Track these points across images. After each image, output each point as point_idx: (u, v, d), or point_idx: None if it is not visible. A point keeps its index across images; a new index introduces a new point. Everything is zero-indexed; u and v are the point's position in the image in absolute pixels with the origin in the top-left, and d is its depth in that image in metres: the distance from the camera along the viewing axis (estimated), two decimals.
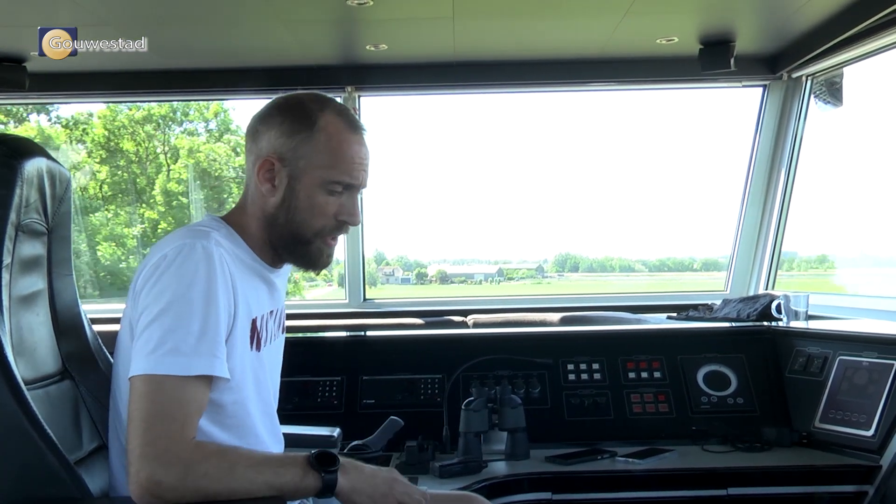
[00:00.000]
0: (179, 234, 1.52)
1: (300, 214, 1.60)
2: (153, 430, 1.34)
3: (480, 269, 5.70)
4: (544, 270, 5.68)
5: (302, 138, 1.59)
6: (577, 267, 5.73)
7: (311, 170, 1.59)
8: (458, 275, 5.59)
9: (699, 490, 2.41)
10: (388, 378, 2.82)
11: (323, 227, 1.62)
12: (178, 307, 1.41)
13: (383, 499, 1.48)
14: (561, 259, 5.75)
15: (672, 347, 2.90)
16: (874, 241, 4.37)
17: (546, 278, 5.68)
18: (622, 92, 4.59)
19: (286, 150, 1.60)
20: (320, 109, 1.61)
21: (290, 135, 1.60)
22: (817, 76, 3.96)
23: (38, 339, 1.61)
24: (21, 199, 1.54)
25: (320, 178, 1.59)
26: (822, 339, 2.77)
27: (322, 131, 1.59)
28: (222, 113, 6.49)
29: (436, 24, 3.51)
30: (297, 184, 1.60)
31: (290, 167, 1.60)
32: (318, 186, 1.60)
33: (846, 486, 2.37)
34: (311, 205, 1.60)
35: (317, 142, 1.59)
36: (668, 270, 5.62)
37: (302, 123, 1.60)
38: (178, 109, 6.44)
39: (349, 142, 1.61)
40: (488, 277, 5.68)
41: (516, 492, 2.39)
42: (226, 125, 6.53)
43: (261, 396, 1.64)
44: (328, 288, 5.88)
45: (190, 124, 6.57)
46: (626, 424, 2.74)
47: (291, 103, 1.64)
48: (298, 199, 1.60)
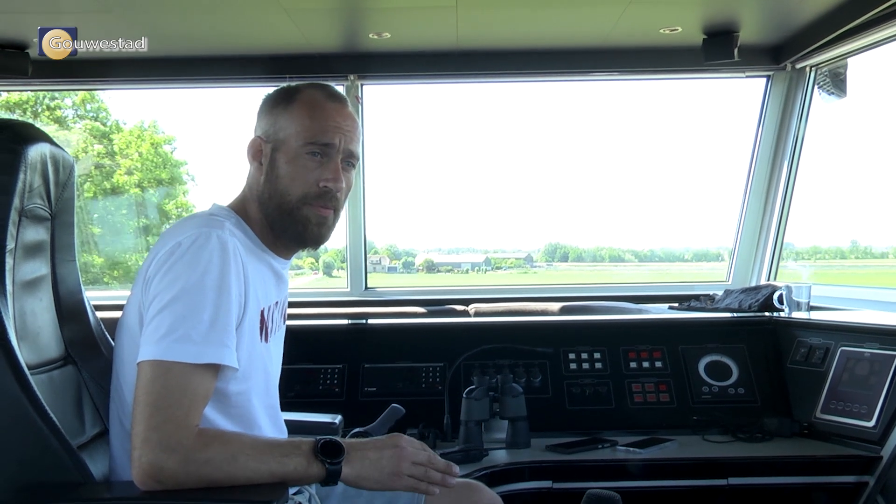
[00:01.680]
0: (194, 222, 1.53)
1: (282, 182, 1.61)
2: (158, 416, 1.35)
3: (468, 258, 5.66)
4: (533, 260, 5.66)
5: (280, 111, 1.63)
6: (567, 256, 5.71)
7: (290, 139, 1.61)
8: (445, 264, 5.56)
9: (700, 480, 2.42)
10: (390, 366, 2.83)
11: (305, 193, 1.61)
12: (190, 295, 1.42)
13: (391, 478, 1.47)
14: (551, 249, 5.73)
15: (673, 337, 2.91)
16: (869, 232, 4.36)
17: (535, 268, 5.66)
18: (621, 82, 4.57)
19: (268, 127, 1.64)
20: (304, 88, 1.65)
21: (272, 112, 1.64)
22: (821, 67, 3.94)
23: (42, 325, 1.62)
24: (24, 185, 1.54)
25: (297, 143, 1.61)
26: (823, 329, 2.77)
27: (299, 101, 1.63)
28: (97, 102, 6.40)
29: (439, 12, 3.50)
30: (278, 154, 1.62)
31: (272, 142, 1.63)
32: (296, 152, 1.61)
33: (847, 477, 2.38)
34: (292, 172, 1.61)
35: (293, 111, 1.62)
36: (658, 261, 5.60)
37: (282, 99, 1.65)
38: (53, 96, 6.33)
39: (325, 107, 1.63)
40: (475, 266, 5.65)
41: (517, 480, 2.40)
42: (95, 113, 6.43)
43: (267, 387, 1.65)
44: (313, 276, 5.83)
45: (61, 111, 6.48)
46: (626, 414, 2.75)
47: (279, 89, 1.68)
48: (279, 168, 1.62)
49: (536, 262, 5.64)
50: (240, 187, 1.71)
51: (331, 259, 5.00)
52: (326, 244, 1.75)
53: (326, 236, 1.67)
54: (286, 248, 1.70)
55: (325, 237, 1.67)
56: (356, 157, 1.67)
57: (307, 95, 1.64)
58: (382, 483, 1.47)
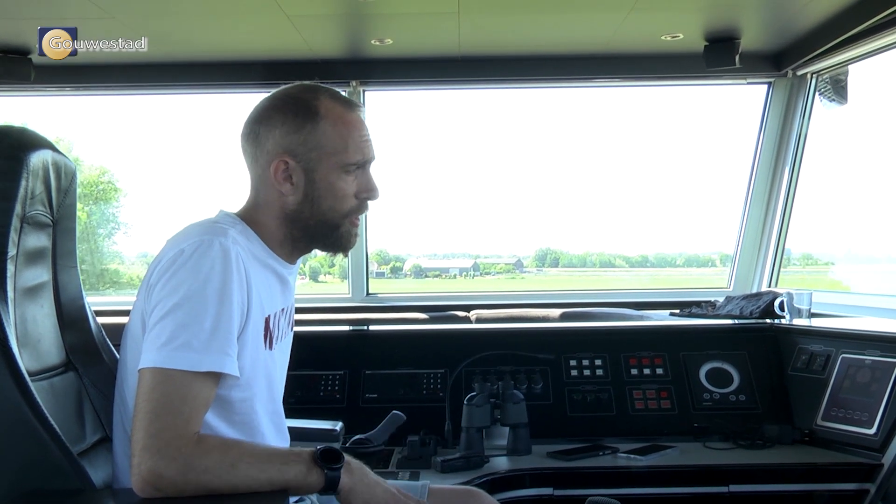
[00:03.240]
0: (197, 229, 1.52)
1: (325, 202, 1.62)
2: (157, 423, 1.34)
3: (456, 263, 5.63)
4: (523, 265, 5.63)
5: (308, 130, 1.61)
6: (558, 262, 5.68)
7: (324, 158, 1.61)
8: (433, 269, 5.52)
9: (701, 487, 2.42)
10: (391, 372, 2.83)
11: (349, 208, 1.65)
12: (192, 303, 1.41)
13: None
14: (541, 254, 5.70)
15: (674, 344, 2.90)
16: (865, 238, 4.36)
17: (524, 273, 5.62)
18: (619, 88, 4.59)
19: (296, 146, 1.61)
20: (315, 98, 1.63)
21: (297, 130, 1.61)
22: (822, 74, 3.95)
23: (43, 331, 1.61)
24: (26, 192, 1.54)
25: (335, 164, 1.61)
26: (824, 336, 2.77)
27: (324, 119, 1.62)
28: None
29: (441, 18, 3.52)
30: (315, 174, 1.62)
31: (303, 161, 1.61)
32: (334, 172, 1.62)
33: (848, 484, 2.37)
34: (333, 190, 1.62)
35: (323, 130, 1.61)
36: (650, 266, 5.57)
37: (304, 116, 1.61)
38: None
39: (352, 122, 1.64)
40: (463, 272, 5.61)
41: (518, 487, 2.39)
42: None
43: (270, 394, 1.64)
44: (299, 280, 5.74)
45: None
46: (627, 421, 2.74)
47: (287, 100, 1.65)
48: (319, 188, 1.62)
49: (526, 268, 5.61)
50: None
51: (317, 264, 4.97)
52: None
53: (356, 243, 1.73)
54: (298, 252, 1.71)
55: (354, 244, 1.73)
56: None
57: (330, 111, 1.62)
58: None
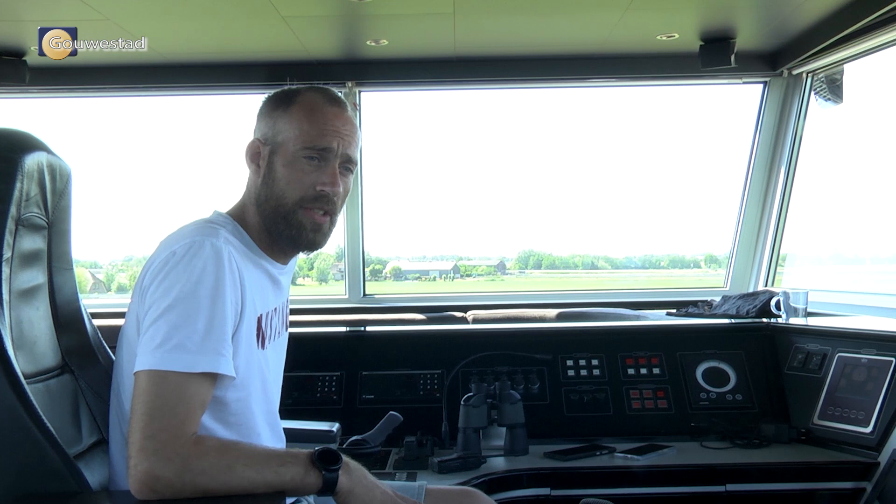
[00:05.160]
0: (189, 230, 1.53)
1: (278, 186, 1.61)
2: (154, 425, 1.34)
3: (436, 265, 5.60)
4: (506, 267, 5.61)
5: (279, 114, 1.64)
6: (541, 264, 5.66)
7: (288, 142, 1.62)
8: (413, 271, 5.49)
9: (697, 486, 2.42)
10: (388, 373, 2.83)
11: (301, 196, 1.61)
12: (185, 304, 1.42)
13: None
14: (524, 256, 5.67)
15: (671, 344, 2.91)
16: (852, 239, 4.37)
17: (506, 275, 5.59)
18: (613, 89, 4.59)
19: (267, 129, 1.65)
20: (300, 92, 1.66)
21: (270, 114, 1.65)
22: (818, 73, 3.96)
23: (38, 333, 1.61)
24: (21, 194, 1.54)
25: (297, 148, 1.61)
26: (821, 335, 2.78)
27: (298, 105, 1.64)
28: None
29: (436, 19, 3.52)
30: (276, 157, 1.63)
31: (270, 144, 1.64)
32: (294, 155, 1.61)
33: (844, 483, 2.38)
34: (288, 175, 1.61)
35: (292, 114, 1.63)
36: (633, 268, 5.55)
37: (281, 102, 1.65)
38: None
39: (324, 111, 1.63)
40: (443, 274, 5.58)
41: (515, 487, 2.39)
42: None
43: (265, 394, 1.64)
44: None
45: None
46: (624, 420, 2.75)
47: (278, 93, 1.69)
48: (276, 171, 1.62)
49: (509, 270, 5.60)
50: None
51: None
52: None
53: (322, 242, 1.67)
54: (283, 252, 1.70)
55: (321, 243, 1.67)
56: (354, 163, 1.68)
57: (306, 99, 1.64)
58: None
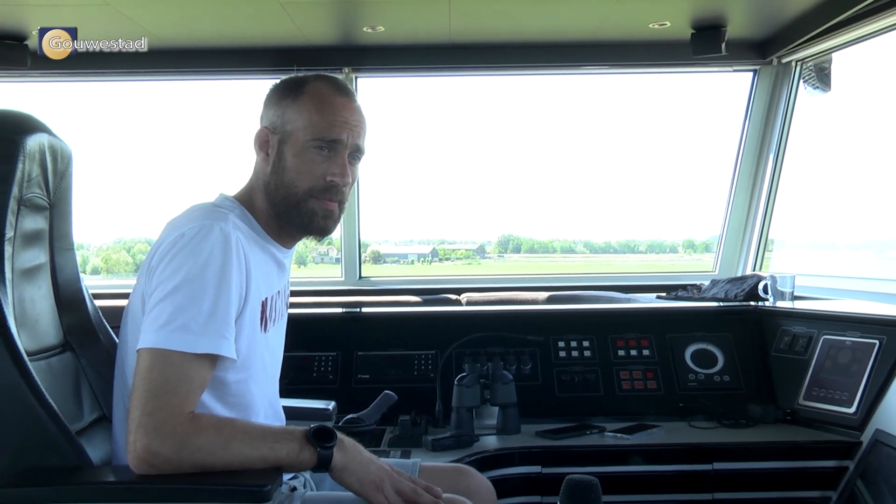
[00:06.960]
0: (198, 213, 1.55)
1: (288, 175, 1.63)
2: (154, 402, 1.37)
3: (415, 248, 5.60)
4: (485, 252, 5.62)
5: (288, 103, 1.65)
6: (520, 248, 5.69)
7: (298, 132, 1.63)
8: (392, 255, 5.49)
9: (686, 465, 2.46)
10: (383, 354, 2.86)
11: (311, 186, 1.63)
12: (191, 286, 1.44)
13: (371, 486, 1.50)
14: (504, 240, 5.69)
15: (661, 326, 2.95)
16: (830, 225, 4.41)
17: (485, 259, 5.60)
18: (602, 76, 4.62)
19: (276, 118, 1.65)
20: (308, 80, 1.67)
21: (278, 103, 1.66)
22: (807, 62, 3.99)
23: (40, 312, 1.64)
24: (23, 174, 1.56)
25: (307, 138, 1.62)
26: (807, 318, 2.82)
27: (307, 94, 1.64)
28: None
29: (432, 6, 3.53)
30: (285, 146, 1.64)
31: (280, 133, 1.64)
32: (303, 146, 1.62)
33: (828, 462, 2.43)
34: (298, 165, 1.63)
35: (301, 104, 1.64)
36: (613, 252, 5.57)
37: (290, 91, 1.66)
38: None
39: (333, 102, 1.64)
40: (421, 258, 5.59)
41: (507, 465, 2.43)
42: None
43: (266, 376, 1.67)
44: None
45: None
46: (614, 401, 2.79)
47: (287, 81, 1.69)
48: (286, 160, 1.63)
49: (488, 254, 5.62)
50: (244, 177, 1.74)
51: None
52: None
53: (332, 228, 1.69)
54: (290, 237, 1.72)
55: (331, 229, 1.69)
56: (362, 152, 1.69)
57: (315, 88, 1.65)
58: (362, 484, 1.50)
